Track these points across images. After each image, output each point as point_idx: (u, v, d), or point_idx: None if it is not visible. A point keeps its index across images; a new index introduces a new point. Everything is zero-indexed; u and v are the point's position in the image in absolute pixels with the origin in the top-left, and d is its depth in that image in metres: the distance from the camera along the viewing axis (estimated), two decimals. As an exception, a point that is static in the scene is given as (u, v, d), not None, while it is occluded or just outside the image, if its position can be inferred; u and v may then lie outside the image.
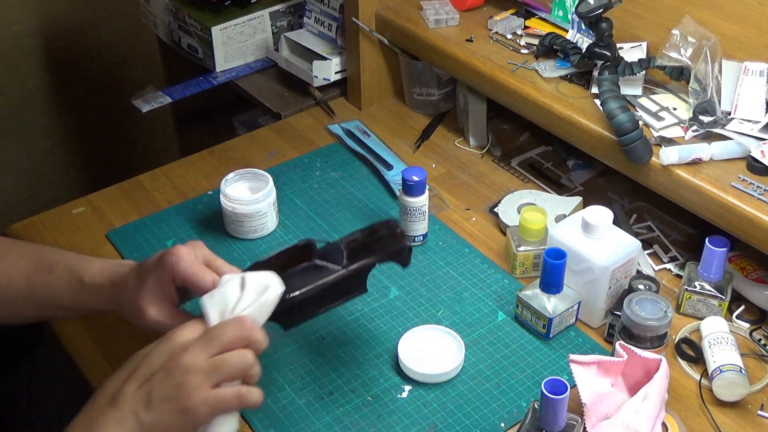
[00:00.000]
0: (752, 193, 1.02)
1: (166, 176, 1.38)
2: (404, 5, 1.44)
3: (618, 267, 1.05)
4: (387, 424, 0.97)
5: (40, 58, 2.13)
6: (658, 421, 0.93)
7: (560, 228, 1.09)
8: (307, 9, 1.59)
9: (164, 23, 1.73)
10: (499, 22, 1.36)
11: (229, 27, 1.61)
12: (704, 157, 1.07)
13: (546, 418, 0.89)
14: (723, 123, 1.10)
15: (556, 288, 1.05)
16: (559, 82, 1.25)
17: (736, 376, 0.97)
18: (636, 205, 1.31)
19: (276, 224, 1.25)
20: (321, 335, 1.08)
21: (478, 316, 1.11)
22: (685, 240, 1.24)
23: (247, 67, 1.66)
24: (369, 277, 1.16)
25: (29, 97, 2.15)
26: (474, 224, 1.28)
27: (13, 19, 2.04)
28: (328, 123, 1.50)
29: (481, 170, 1.39)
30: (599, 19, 1.14)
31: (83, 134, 2.30)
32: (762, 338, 1.08)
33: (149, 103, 1.58)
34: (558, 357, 1.05)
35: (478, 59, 1.30)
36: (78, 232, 1.27)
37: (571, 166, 1.40)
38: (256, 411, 0.98)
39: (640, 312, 0.97)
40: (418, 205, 1.18)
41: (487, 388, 1.01)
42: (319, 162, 1.40)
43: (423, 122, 1.50)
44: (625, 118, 1.08)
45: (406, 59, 1.47)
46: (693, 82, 1.11)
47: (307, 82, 1.55)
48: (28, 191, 2.24)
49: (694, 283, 1.09)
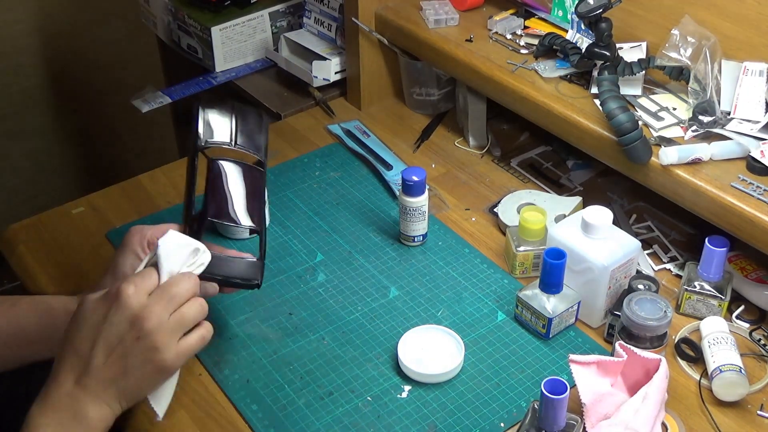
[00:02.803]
0: (752, 193, 1.02)
1: (166, 176, 1.38)
2: (404, 5, 1.44)
3: (618, 267, 1.05)
4: (387, 424, 0.97)
5: (40, 58, 2.13)
6: (657, 421, 0.93)
7: (560, 228, 1.09)
8: (307, 9, 1.59)
9: (164, 23, 1.73)
10: (498, 22, 1.36)
11: (228, 27, 1.61)
12: (704, 157, 1.07)
13: (546, 418, 0.89)
14: (722, 123, 1.10)
15: (556, 288, 1.05)
16: (559, 82, 1.25)
17: (736, 376, 0.97)
18: (636, 205, 1.31)
19: (269, 222, 1.25)
20: (321, 335, 1.08)
21: (478, 316, 1.11)
22: (684, 240, 1.24)
23: (247, 68, 1.66)
24: (368, 278, 1.17)
25: (29, 97, 2.16)
26: (474, 224, 1.28)
27: (13, 18, 2.04)
28: (328, 123, 1.50)
29: (480, 170, 1.39)
30: (599, 19, 1.14)
31: (83, 134, 2.30)
32: (762, 338, 1.08)
33: (149, 103, 1.58)
34: (558, 357, 1.05)
35: (478, 59, 1.30)
36: (78, 232, 1.27)
37: (571, 166, 1.40)
38: (256, 411, 0.99)
39: (640, 312, 0.97)
40: (417, 205, 1.18)
41: (486, 388, 1.01)
42: (319, 162, 1.40)
43: (423, 122, 1.50)
44: (625, 118, 1.08)
45: (406, 59, 1.47)
46: (693, 82, 1.11)
47: (307, 82, 1.55)
48: (28, 191, 2.24)
49: (693, 283, 1.09)
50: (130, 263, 0.96)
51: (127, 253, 0.97)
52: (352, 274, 1.18)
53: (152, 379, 0.86)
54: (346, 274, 1.18)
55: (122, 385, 0.84)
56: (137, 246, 0.97)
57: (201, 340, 0.88)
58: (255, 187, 1.00)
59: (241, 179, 1.00)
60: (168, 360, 0.85)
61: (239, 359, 1.05)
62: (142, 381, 0.85)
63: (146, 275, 0.86)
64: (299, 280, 1.17)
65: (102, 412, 0.84)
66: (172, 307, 0.85)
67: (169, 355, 0.84)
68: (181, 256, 0.89)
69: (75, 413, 0.83)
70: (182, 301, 0.86)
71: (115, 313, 0.83)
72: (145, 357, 0.84)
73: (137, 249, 0.97)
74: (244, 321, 1.10)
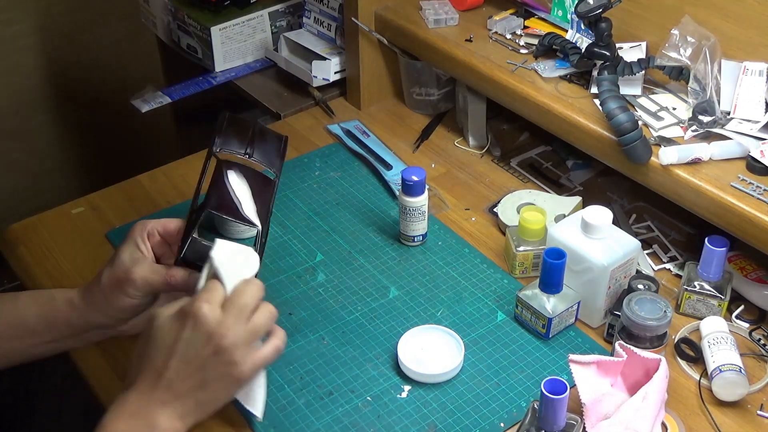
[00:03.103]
0: (752, 193, 1.02)
1: (166, 176, 1.38)
2: (404, 5, 1.44)
3: (617, 267, 1.05)
4: (386, 424, 0.97)
5: (40, 58, 2.13)
6: (657, 420, 0.93)
7: (560, 228, 1.09)
8: (307, 9, 1.59)
9: (163, 23, 1.73)
10: (498, 22, 1.36)
11: (228, 27, 1.61)
12: (704, 157, 1.07)
13: (545, 418, 0.89)
14: (722, 123, 1.10)
15: (556, 288, 1.05)
16: (559, 82, 1.25)
17: (736, 376, 0.97)
18: (635, 205, 1.31)
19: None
20: (321, 335, 1.08)
21: (478, 316, 1.11)
22: (684, 240, 1.24)
23: (247, 67, 1.66)
24: (368, 278, 1.17)
25: (29, 97, 2.15)
26: (473, 224, 1.28)
27: (13, 18, 2.04)
28: (328, 123, 1.50)
29: (480, 170, 1.39)
30: (599, 19, 1.14)
31: (83, 134, 2.30)
32: (761, 338, 1.08)
33: (149, 103, 1.58)
34: (557, 357, 1.05)
35: (478, 59, 1.30)
36: (78, 232, 1.27)
37: (571, 166, 1.40)
38: (256, 411, 0.99)
39: (640, 312, 0.97)
40: (417, 205, 1.18)
41: (486, 388, 1.01)
42: (319, 162, 1.40)
43: (422, 122, 1.50)
44: (625, 118, 1.08)
45: (406, 59, 1.47)
46: (692, 81, 1.11)
47: (307, 82, 1.55)
48: (27, 191, 2.24)
49: (693, 282, 1.09)
50: (129, 253, 0.97)
51: (128, 242, 0.99)
52: (352, 274, 1.18)
53: (228, 390, 0.88)
54: (346, 274, 1.18)
55: (200, 398, 0.86)
56: (138, 237, 0.99)
57: (276, 350, 0.90)
58: (260, 191, 1.02)
59: (246, 181, 1.02)
60: (245, 372, 0.86)
61: (239, 359, 1.05)
62: (219, 393, 0.87)
63: (213, 289, 0.87)
64: (299, 280, 1.17)
65: (173, 424, 0.85)
66: (244, 317, 0.86)
67: (245, 367, 0.86)
68: (237, 263, 0.90)
69: (147, 423, 0.84)
70: (253, 309, 0.87)
71: (192, 331, 0.85)
72: (223, 371, 0.85)
73: (137, 239, 0.99)
74: (244, 321, 1.10)
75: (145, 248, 0.98)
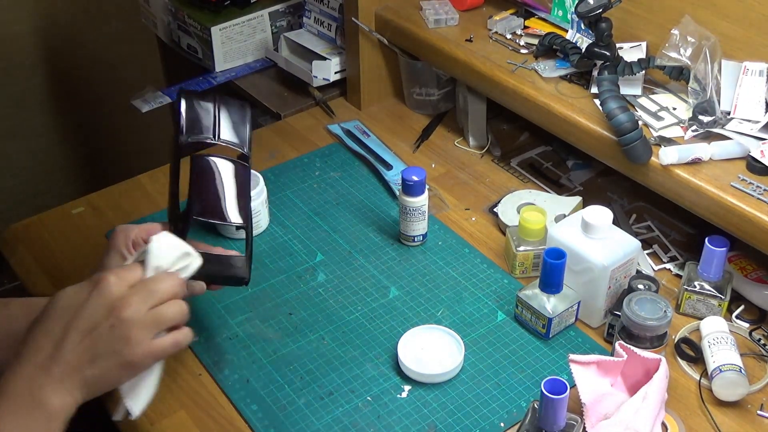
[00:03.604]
0: (752, 193, 1.02)
1: (166, 176, 1.37)
2: (404, 5, 1.44)
3: (617, 267, 1.05)
4: (387, 424, 0.97)
5: (39, 58, 2.13)
6: (657, 420, 0.93)
7: (560, 228, 1.09)
8: (307, 9, 1.59)
9: (164, 23, 1.73)
10: (498, 22, 1.36)
11: (228, 27, 1.61)
12: (704, 157, 1.07)
13: (546, 418, 0.89)
14: (722, 123, 1.10)
15: (556, 288, 1.05)
16: (559, 82, 1.25)
17: (736, 376, 0.97)
18: (635, 205, 1.31)
19: (268, 222, 1.26)
20: (321, 335, 1.08)
21: (478, 316, 1.11)
22: (684, 240, 1.24)
23: (247, 67, 1.66)
24: (368, 278, 1.17)
25: (29, 97, 2.15)
26: (474, 224, 1.28)
27: (13, 18, 2.04)
28: (328, 123, 1.50)
29: (480, 170, 1.39)
30: (599, 19, 1.14)
31: (83, 134, 2.30)
32: (761, 338, 1.08)
33: (149, 103, 1.58)
34: (558, 357, 1.05)
35: (478, 59, 1.30)
36: (78, 232, 1.27)
37: (571, 166, 1.40)
38: (256, 410, 0.99)
39: (640, 312, 0.97)
40: (417, 205, 1.18)
41: (486, 388, 1.01)
42: (319, 162, 1.40)
43: (422, 122, 1.50)
44: (625, 118, 1.08)
45: (406, 59, 1.47)
46: (692, 81, 1.11)
47: (307, 82, 1.55)
48: (27, 191, 2.24)
49: (693, 282, 1.09)
50: (115, 263, 0.95)
51: (111, 253, 0.96)
52: (352, 274, 1.18)
53: (117, 372, 0.82)
54: (346, 274, 1.18)
55: (87, 374, 0.81)
56: (122, 245, 0.96)
57: (175, 344, 0.85)
58: (240, 182, 0.98)
59: (226, 175, 0.97)
60: (137, 355, 0.82)
61: (239, 359, 1.05)
62: (107, 372, 0.82)
63: (131, 268, 0.85)
64: (299, 280, 1.17)
65: (64, 399, 0.80)
66: (151, 302, 0.83)
67: (138, 350, 0.82)
68: (171, 257, 0.87)
69: (33, 399, 0.79)
70: (163, 299, 0.84)
71: (93, 298, 0.81)
72: (114, 347, 0.81)
73: (122, 248, 0.96)
74: (244, 321, 1.10)
75: (130, 257, 0.95)
